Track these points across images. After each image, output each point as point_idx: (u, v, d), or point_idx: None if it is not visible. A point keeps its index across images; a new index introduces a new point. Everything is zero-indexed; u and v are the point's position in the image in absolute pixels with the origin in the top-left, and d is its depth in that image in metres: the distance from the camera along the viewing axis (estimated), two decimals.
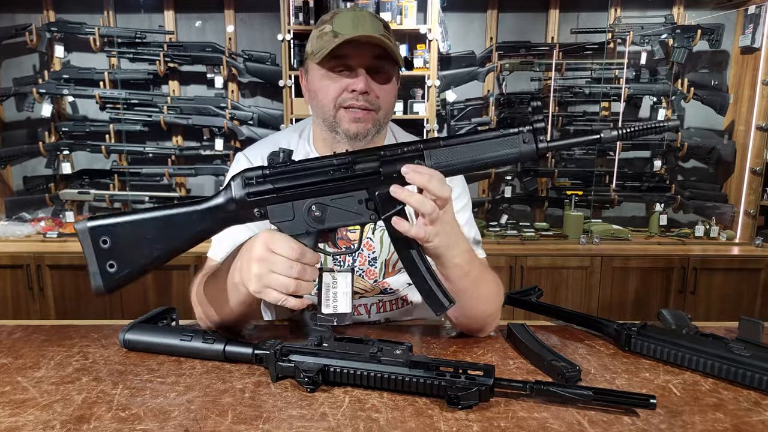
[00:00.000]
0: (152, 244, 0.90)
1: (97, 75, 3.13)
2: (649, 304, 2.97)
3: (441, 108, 3.22)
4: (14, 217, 3.22)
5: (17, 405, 0.81)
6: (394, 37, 1.12)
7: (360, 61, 1.08)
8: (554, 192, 3.39)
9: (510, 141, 0.85)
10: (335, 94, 1.09)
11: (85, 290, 2.90)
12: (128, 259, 0.90)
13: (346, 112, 1.09)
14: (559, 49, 3.20)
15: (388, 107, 1.13)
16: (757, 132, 3.09)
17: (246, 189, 0.89)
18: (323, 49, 1.06)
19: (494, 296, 1.08)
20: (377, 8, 2.92)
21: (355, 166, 0.87)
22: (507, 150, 0.86)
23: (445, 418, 0.78)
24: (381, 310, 1.26)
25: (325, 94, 1.10)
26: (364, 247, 1.21)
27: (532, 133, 0.85)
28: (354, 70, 1.09)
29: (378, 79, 1.10)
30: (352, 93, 1.08)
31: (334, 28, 1.07)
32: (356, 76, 1.08)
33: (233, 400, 0.83)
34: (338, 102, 1.09)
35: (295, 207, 0.88)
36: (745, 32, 3.09)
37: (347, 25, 1.06)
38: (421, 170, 0.85)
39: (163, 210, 0.91)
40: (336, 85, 1.09)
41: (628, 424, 0.76)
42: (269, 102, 3.30)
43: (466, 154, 0.86)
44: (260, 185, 0.88)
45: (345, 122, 1.10)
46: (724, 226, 3.25)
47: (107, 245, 0.89)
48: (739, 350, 0.90)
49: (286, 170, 0.88)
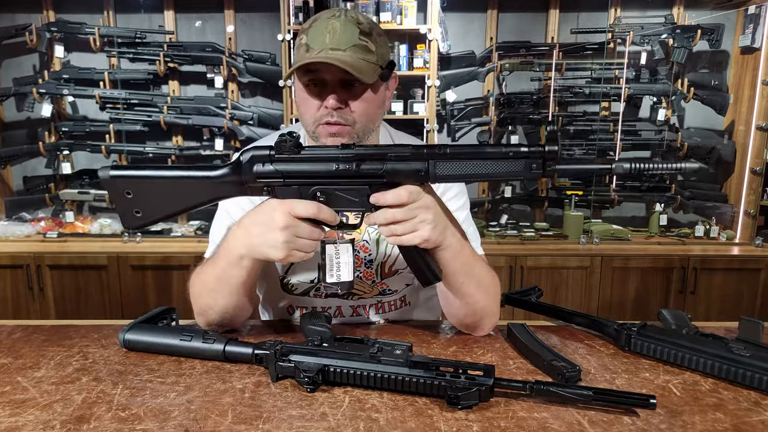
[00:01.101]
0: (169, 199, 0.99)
1: (97, 75, 3.13)
2: (649, 304, 2.97)
3: (441, 108, 3.22)
4: (14, 217, 3.22)
5: (17, 405, 0.81)
6: (377, 39, 1.07)
7: (331, 76, 1.05)
8: (554, 192, 3.39)
9: (518, 162, 0.86)
10: (313, 111, 1.08)
11: (85, 290, 2.91)
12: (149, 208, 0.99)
13: (324, 128, 1.08)
14: (559, 49, 3.20)
15: (365, 119, 1.10)
16: (757, 132, 3.09)
17: (255, 168, 0.93)
18: (296, 63, 1.05)
19: (491, 287, 1.09)
20: (377, 8, 2.92)
21: (360, 164, 0.91)
22: (513, 170, 0.87)
23: (445, 418, 0.78)
24: (380, 311, 1.25)
25: (306, 109, 1.10)
26: (361, 249, 1.21)
27: (542, 158, 0.85)
28: (327, 84, 1.06)
29: (353, 91, 1.07)
30: (326, 110, 1.07)
31: (307, 40, 1.05)
32: (329, 92, 1.06)
33: (233, 400, 0.83)
34: (316, 118, 1.08)
35: (301, 190, 0.94)
36: (745, 32, 3.09)
37: (317, 38, 1.03)
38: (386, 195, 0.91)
39: (180, 170, 0.99)
40: (313, 102, 1.08)
41: (628, 424, 0.76)
42: (269, 102, 3.30)
43: (471, 168, 0.88)
44: (266, 167, 0.93)
45: (322, 137, 1.09)
46: (724, 226, 3.25)
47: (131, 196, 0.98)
48: (739, 350, 0.90)
49: (292, 157, 0.92)
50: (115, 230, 3.17)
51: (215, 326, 1.10)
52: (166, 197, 0.98)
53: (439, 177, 0.90)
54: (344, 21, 1.04)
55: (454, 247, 0.99)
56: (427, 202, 0.93)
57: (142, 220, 1.01)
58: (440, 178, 0.91)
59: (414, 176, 0.90)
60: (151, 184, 0.98)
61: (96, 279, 2.88)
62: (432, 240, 0.94)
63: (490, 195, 3.42)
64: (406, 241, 0.93)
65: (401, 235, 0.93)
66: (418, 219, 0.92)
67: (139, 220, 1.00)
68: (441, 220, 0.96)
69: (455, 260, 1.01)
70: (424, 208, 0.92)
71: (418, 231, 0.92)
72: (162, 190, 0.98)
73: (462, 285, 1.04)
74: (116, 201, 0.99)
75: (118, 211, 1.00)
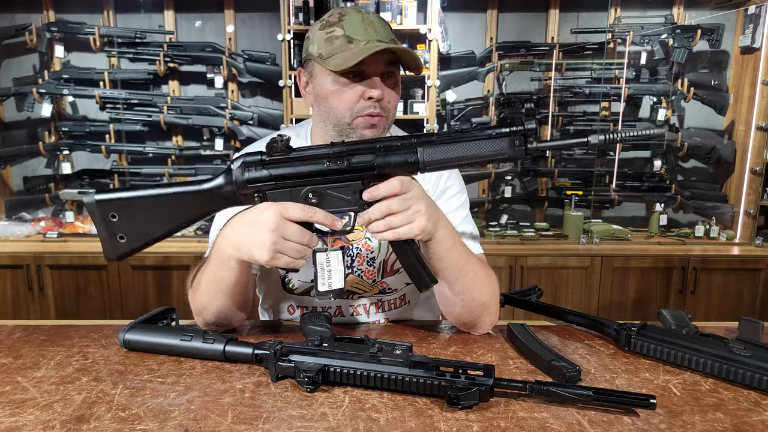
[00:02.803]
0: (157, 220, 0.95)
1: (97, 75, 3.13)
2: (649, 304, 2.97)
3: (441, 108, 3.22)
4: (14, 217, 3.22)
5: (17, 405, 0.81)
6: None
7: (375, 68, 1.07)
8: (554, 192, 3.39)
9: (501, 140, 0.89)
10: (351, 103, 1.08)
11: (85, 290, 2.91)
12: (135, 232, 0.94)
13: (363, 120, 1.09)
14: (559, 49, 3.20)
15: (394, 110, 1.14)
16: (757, 132, 3.09)
17: (246, 175, 0.92)
18: (335, 54, 1.05)
19: (488, 285, 1.08)
20: (377, 8, 2.92)
21: (351, 158, 0.91)
22: (498, 149, 0.89)
23: (445, 418, 0.78)
24: (380, 310, 1.26)
25: (340, 101, 1.09)
26: (363, 247, 1.21)
27: (522, 135, 0.88)
28: (366, 76, 1.08)
29: (388, 84, 1.10)
30: (369, 101, 1.07)
31: (346, 32, 1.05)
32: (371, 83, 1.07)
33: (233, 400, 0.83)
34: (356, 111, 1.08)
35: (292, 193, 0.93)
36: (745, 32, 3.09)
37: (359, 30, 1.05)
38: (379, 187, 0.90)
39: (167, 188, 0.95)
40: (351, 93, 1.08)
41: (628, 424, 0.76)
42: (269, 102, 3.30)
43: (457, 151, 0.90)
44: (258, 171, 0.92)
45: (360, 129, 1.09)
46: (724, 226, 3.25)
47: (116, 219, 0.93)
48: (739, 350, 0.90)
49: (283, 159, 0.92)
50: None
51: (213, 326, 1.10)
52: (154, 216, 0.94)
53: (429, 163, 0.91)
54: (374, 17, 1.09)
55: (447, 239, 0.99)
56: (419, 193, 0.94)
57: (126, 246, 0.94)
58: (431, 164, 0.91)
59: (405, 165, 0.91)
60: (138, 202, 0.93)
61: (96, 279, 2.88)
62: (427, 231, 0.94)
63: (490, 195, 3.42)
64: (404, 233, 0.92)
65: (398, 227, 0.92)
66: (412, 210, 0.92)
67: (122, 247, 0.94)
68: (434, 210, 0.96)
69: (449, 254, 1.01)
70: (417, 198, 0.93)
71: (415, 222, 0.92)
72: (150, 209, 0.94)
73: (457, 281, 1.04)
74: (99, 226, 0.93)
75: (101, 237, 0.94)
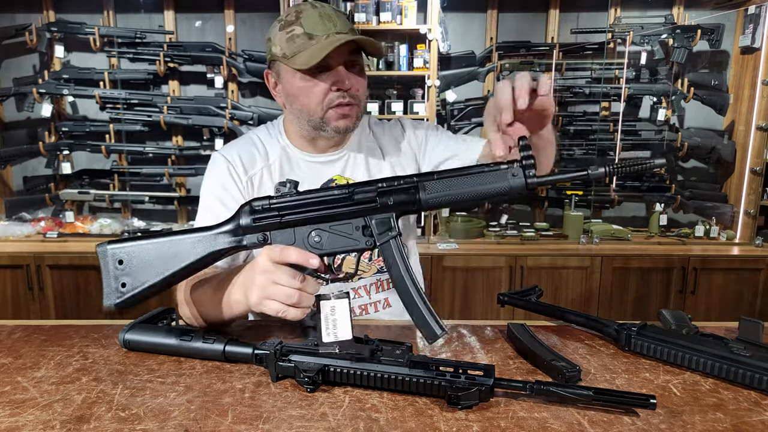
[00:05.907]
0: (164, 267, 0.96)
1: (97, 75, 3.13)
2: (649, 304, 2.97)
3: (441, 108, 3.22)
4: (14, 217, 3.22)
5: (17, 405, 0.81)
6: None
7: (339, 60, 1.09)
8: (554, 192, 3.39)
9: (501, 175, 0.86)
10: (321, 97, 1.11)
11: (85, 290, 2.91)
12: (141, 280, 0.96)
13: (334, 111, 1.11)
14: (559, 49, 3.20)
15: (364, 98, 1.17)
16: (757, 132, 3.09)
17: (252, 215, 0.92)
18: (299, 52, 1.07)
19: None
20: (377, 8, 2.92)
21: (354, 197, 0.89)
22: (498, 184, 0.86)
23: (445, 418, 0.78)
24: (380, 290, 1.27)
25: (309, 97, 1.11)
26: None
27: (521, 169, 0.85)
28: (331, 68, 1.10)
29: (354, 71, 1.13)
30: (338, 92, 1.10)
31: (305, 29, 1.07)
32: (337, 74, 1.09)
33: (233, 400, 0.83)
34: (325, 104, 1.11)
35: (296, 233, 0.92)
36: (745, 32, 3.09)
37: (317, 25, 1.07)
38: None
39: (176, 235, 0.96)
40: (319, 87, 1.10)
41: (628, 424, 0.76)
42: (269, 102, 3.30)
43: (458, 187, 0.87)
44: (266, 212, 0.91)
45: (333, 121, 1.12)
46: (724, 226, 3.25)
47: (122, 265, 0.95)
48: (739, 350, 0.90)
49: (290, 201, 0.91)
50: (115, 230, 3.17)
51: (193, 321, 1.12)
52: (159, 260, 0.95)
53: (428, 198, 0.87)
54: (330, 9, 1.10)
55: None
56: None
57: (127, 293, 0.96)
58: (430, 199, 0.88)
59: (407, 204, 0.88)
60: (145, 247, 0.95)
61: (96, 279, 2.88)
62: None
63: None
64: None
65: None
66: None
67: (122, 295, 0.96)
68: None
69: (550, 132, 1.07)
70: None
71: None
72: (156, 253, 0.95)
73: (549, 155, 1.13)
74: (104, 272, 0.95)
75: (104, 284, 0.96)
